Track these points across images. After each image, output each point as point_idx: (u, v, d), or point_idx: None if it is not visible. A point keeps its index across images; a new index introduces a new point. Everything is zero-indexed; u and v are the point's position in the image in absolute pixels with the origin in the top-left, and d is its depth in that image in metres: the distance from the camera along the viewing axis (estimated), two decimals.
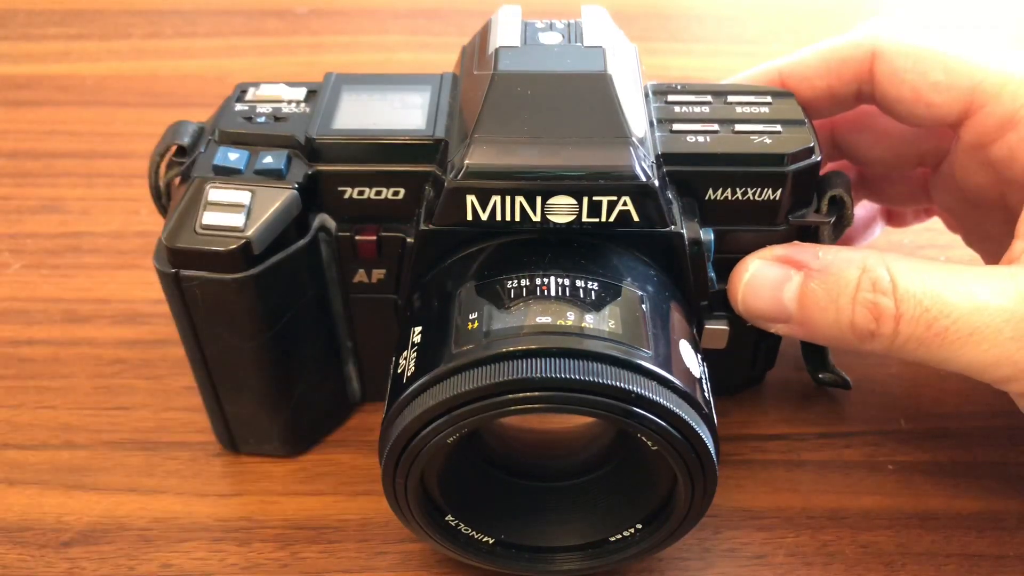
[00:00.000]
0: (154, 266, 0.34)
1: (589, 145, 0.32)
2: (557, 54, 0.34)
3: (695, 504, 0.32)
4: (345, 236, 0.36)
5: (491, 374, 0.29)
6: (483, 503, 0.35)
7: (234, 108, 0.36)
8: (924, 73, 0.35)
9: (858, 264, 0.33)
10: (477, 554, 0.35)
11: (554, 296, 0.31)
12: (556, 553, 0.35)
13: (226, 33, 0.72)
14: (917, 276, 0.32)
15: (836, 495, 0.39)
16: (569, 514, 0.36)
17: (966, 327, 0.31)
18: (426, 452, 0.30)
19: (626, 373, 0.29)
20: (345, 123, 0.35)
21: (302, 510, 0.39)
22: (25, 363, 0.45)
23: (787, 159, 0.34)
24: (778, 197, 0.35)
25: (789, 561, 0.37)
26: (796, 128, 0.35)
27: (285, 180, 0.34)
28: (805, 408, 0.43)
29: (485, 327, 0.30)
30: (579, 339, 0.29)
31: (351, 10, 0.75)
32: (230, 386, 0.38)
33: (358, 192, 0.35)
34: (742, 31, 0.71)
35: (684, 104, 0.36)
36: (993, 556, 0.37)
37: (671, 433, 0.30)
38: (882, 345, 0.33)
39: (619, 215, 0.33)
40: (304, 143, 0.34)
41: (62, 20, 0.73)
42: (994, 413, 0.42)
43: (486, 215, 0.33)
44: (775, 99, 0.36)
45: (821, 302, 0.33)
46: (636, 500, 0.34)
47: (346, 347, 0.40)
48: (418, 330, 0.32)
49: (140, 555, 0.37)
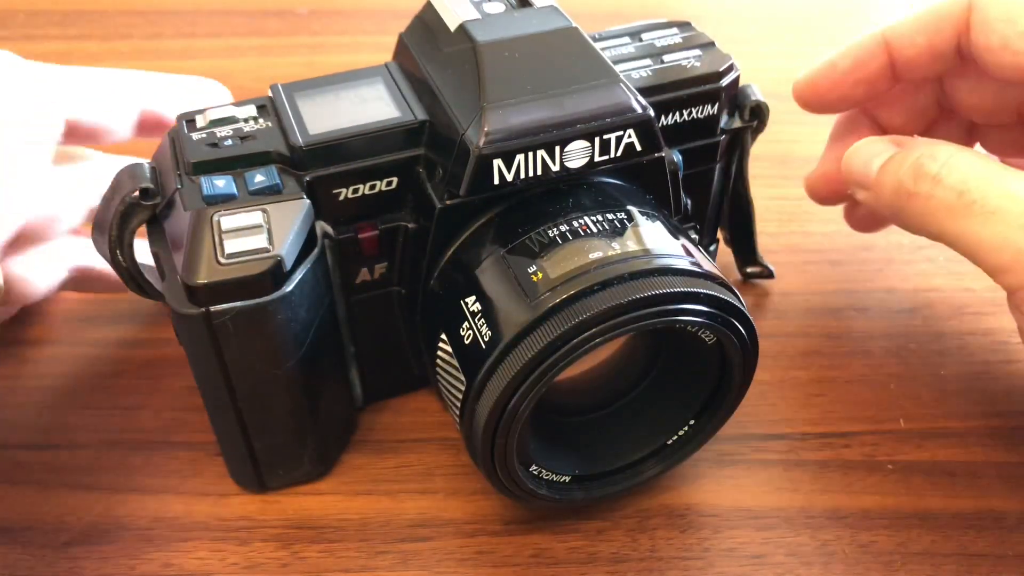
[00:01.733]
0: (172, 312, 0.32)
1: (588, 91, 0.34)
2: (519, 19, 0.36)
3: (746, 379, 0.36)
4: (346, 238, 0.36)
5: (580, 311, 0.31)
6: (551, 446, 0.37)
7: (192, 138, 0.35)
8: (1014, 22, 0.36)
9: (933, 142, 0.36)
10: (559, 492, 0.37)
11: (596, 232, 0.33)
12: (624, 471, 0.38)
13: (226, 33, 0.72)
14: (973, 159, 0.35)
15: (835, 495, 0.39)
16: (626, 433, 0.38)
17: (992, 205, 0.34)
18: (530, 402, 0.32)
19: (688, 279, 0.33)
20: (320, 127, 0.35)
21: (302, 510, 0.39)
22: (25, 363, 0.45)
23: (720, 76, 0.39)
24: (716, 111, 0.40)
25: (788, 561, 0.37)
26: (711, 50, 0.40)
27: (284, 194, 0.33)
28: (805, 408, 0.43)
29: (551, 274, 0.32)
30: (639, 261, 0.32)
31: (351, 10, 0.75)
32: (260, 420, 0.36)
33: (352, 191, 0.35)
34: (742, 31, 0.71)
35: (612, 47, 0.40)
36: (992, 556, 0.37)
37: (733, 323, 0.34)
38: (918, 207, 0.36)
39: (625, 148, 0.35)
40: (289, 154, 0.34)
41: (62, 20, 0.73)
42: (994, 413, 0.43)
43: (511, 175, 0.34)
44: (680, 29, 0.41)
45: (891, 168, 0.37)
46: (682, 400, 0.38)
47: (349, 352, 0.40)
48: (472, 300, 0.34)
49: (141, 555, 0.37)
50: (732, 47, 0.41)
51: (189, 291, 0.32)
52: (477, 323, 0.33)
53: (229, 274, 0.31)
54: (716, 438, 0.38)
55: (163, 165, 0.35)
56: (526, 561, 0.37)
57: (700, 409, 0.37)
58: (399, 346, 0.40)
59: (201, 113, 0.36)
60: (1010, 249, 0.33)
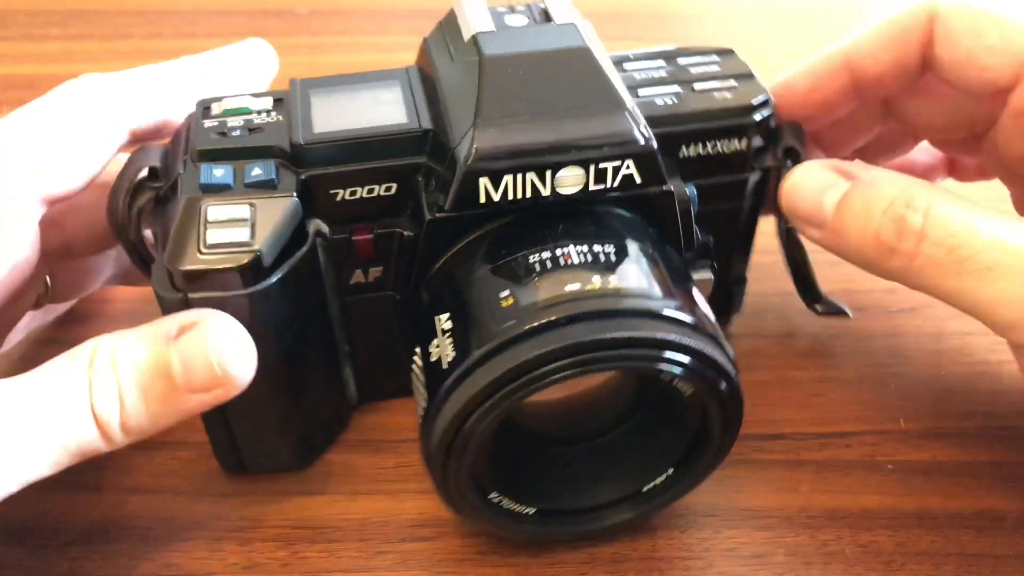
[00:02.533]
0: (155, 293, 0.33)
1: (589, 115, 0.33)
2: (534, 34, 0.35)
3: (727, 437, 0.34)
4: (341, 238, 0.36)
5: (542, 344, 0.30)
6: (518, 475, 0.36)
7: (204, 125, 0.35)
8: (979, 35, 0.35)
9: (902, 184, 0.34)
10: (520, 525, 0.36)
11: (577, 264, 0.32)
12: (594, 512, 0.36)
13: (226, 33, 0.72)
14: (954, 207, 0.33)
15: (836, 495, 0.39)
16: (601, 472, 0.37)
17: (987, 260, 0.32)
18: (485, 427, 0.31)
19: (663, 324, 0.31)
20: (326, 126, 0.35)
21: (302, 510, 0.39)
22: (25, 363, 0.45)
23: (751, 110, 0.37)
24: (745, 146, 0.37)
25: (789, 561, 0.37)
26: (748, 81, 0.38)
27: (278, 190, 0.33)
28: (805, 408, 0.43)
29: (523, 302, 0.31)
30: (614, 300, 0.31)
31: (351, 10, 0.75)
32: (240, 408, 0.36)
33: (350, 193, 0.35)
34: (742, 31, 0.71)
35: (642, 70, 0.38)
36: (992, 556, 0.37)
37: (710, 377, 0.32)
38: (900, 264, 0.33)
39: (623, 179, 0.34)
40: (290, 150, 0.34)
41: (62, 20, 0.73)
42: (994, 413, 0.42)
43: (498, 195, 0.33)
44: (720, 57, 0.39)
45: (856, 210, 0.34)
46: (664, 447, 0.36)
47: (343, 351, 0.40)
48: (444, 317, 0.33)
49: (141, 555, 0.37)
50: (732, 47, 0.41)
51: (169, 276, 0.32)
52: (445, 341, 0.32)
53: (208, 264, 0.32)
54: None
55: (175, 148, 0.36)
56: (526, 561, 0.37)
57: (680, 460, 0.36)
58: (394, 349, 0.40)
59: (218, 101, 0.36)
60: (1018, 306, 0.32)
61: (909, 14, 0.37)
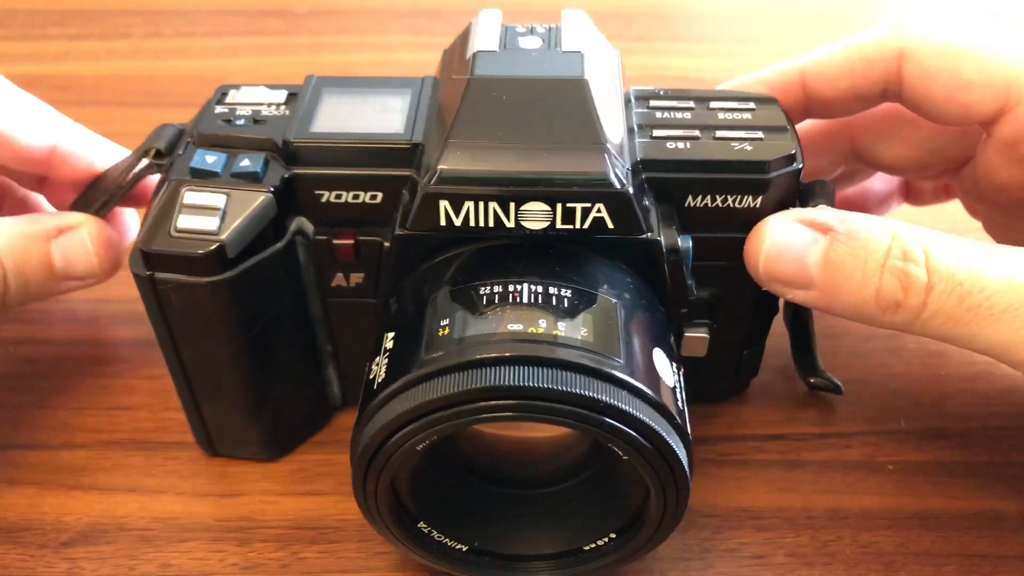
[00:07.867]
0: (130, 268, 0.34)
1: (563, 151, 0.32)
2: (535, 59, 0.33)
3: (668, 514, 0.32)
4: (322, 240, 0.36)
5: (460, 382, 0.29)
6: (457, 510, 0.35)
7: (214, 110, 0.36)
8: (956, 72, 0.34)
9: (889, 231, 0.32)
10: (450, 561, 0.35)
11: (527, 303, 0.30)
12: (530, 561, 0.35)
13: (226, 33, 0.72)
14: (951, 250, 0.31)
15: (836, 495, 0.39)
16: (544, 522, 0.36)
17: (1000, 304, 0.30)
18: (396, 458, 0.30)
19: (596, 382, 0.29)
20: (324, 126, 0.35)
21: (302, 510, 0.39)
22: (26, 362, 0.45)
23: (768, 166, 0.33)
24: (758, 204, 0.34)
25: (789, 561, 0.37)
26: (778, 135, 0.34)
27: (262, 183, 0.34)
28: (805, 408, 0.43)
29: (457, 333, 0.30)
30: (550, 347, 0.29)
31: (351, 10, 0.75)
32: (208, 390, 0.37)
33: (335, 196, 0.35)
34: (742, 31, 0.71)
35: (666, 110, 0.35)
36: (993, 556, 0.37)
37: (642, 443, 0.29)
38: (906, 318, 0.32)
39: (593, 222, 0.32)
40: (282, 146, 0.34)
41: (62, 20, 0.73)
42: (994, 413, 0.42)
43: (459, 221, 0.33)
44: (759, 105, 0.36)
45: (847, 268, 0.32)
46: (611, 509, 0.34)
47: (326, 351, 0.40)
48: (391, 335, 0.32)
49: (140, 555, 0.37)
50: (732, 47, 0.41)
51: (141, 253, 0.33)
52: (383, 361, 0.31)
53: (174, 248, 0.33)
54: (716, 438, 0.38)
55: (189, 129, 0.37)
56: None
57: (624, 526, 0.34)
58: None
59: (237, 88, 0.37)
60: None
61: (876, 45, 0.36)
